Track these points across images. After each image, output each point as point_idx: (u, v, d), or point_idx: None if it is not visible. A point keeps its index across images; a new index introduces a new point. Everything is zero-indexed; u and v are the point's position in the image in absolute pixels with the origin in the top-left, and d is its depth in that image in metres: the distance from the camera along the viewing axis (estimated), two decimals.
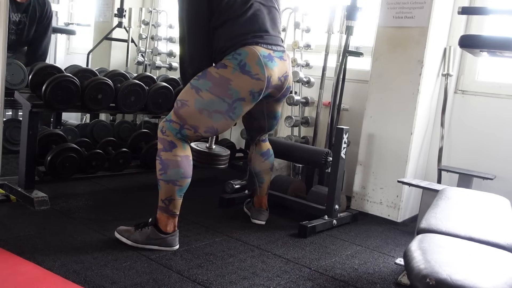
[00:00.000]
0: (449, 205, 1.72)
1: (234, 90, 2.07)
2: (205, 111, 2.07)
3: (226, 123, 2.14)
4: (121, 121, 3.83)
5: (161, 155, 2.09)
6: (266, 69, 2.10)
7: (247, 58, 2.07)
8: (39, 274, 1.77)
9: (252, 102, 2.16)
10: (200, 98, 2.07)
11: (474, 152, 2.96)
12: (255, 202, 2.70)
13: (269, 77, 2.13)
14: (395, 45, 2.89)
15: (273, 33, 2.23)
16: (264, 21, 2.19)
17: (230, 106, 2.09)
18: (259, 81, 2.10)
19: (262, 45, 2.13)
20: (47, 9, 3.83)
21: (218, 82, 2.07)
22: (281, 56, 2.22)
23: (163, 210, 2.12)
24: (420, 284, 1.05)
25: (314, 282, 1.95)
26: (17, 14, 3.63)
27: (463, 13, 2.10)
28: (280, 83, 2.24)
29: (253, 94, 2.11)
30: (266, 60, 2.11)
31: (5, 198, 2.57)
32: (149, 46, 4.53)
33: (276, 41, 2.22)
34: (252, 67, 2.07)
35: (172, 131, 2.09)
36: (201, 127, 2.10)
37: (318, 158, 2.73)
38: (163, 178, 2.08)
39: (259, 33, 2.15)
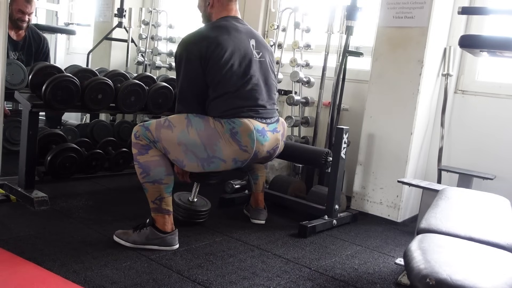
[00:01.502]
0: (449, 205, 1.72)
1: (219, 149, 2.08)
2: (183, 146, 2.07)
3: (196, 168, 2.12)
4: (121, 121, 3.83)
5: (138, 159, 2.09)
6: (257, 143, 2.13)
7: (241, 128, 2.09)
8: (39, 274, 1.77)
9: (233, 167, 2.17)
10: (186, 133, 2.07)
11: (474, 152, 2.96)
12: (252, 201, 2.70)
13: (257, 151, 2.15)
14: (395, 45, 2.89)
15: (269, 106, 2.25)
16: (260, 96, 2.21)
17: (209, 158, 2.09)
18: (246, 152, 2.12)
19: (257, 119, 2.16)
20: (43, 45, 3.94)
21: (210, 132, 2.08)
22: (274, 129, 2.25)
23: (156, 210, 2.13)
24: (420, 284, 1.05)
25: (314, 282, 1.95)
26: (15, 52, 3.73)
27: (463, 13, 2.10)
28: (268, 155, 2.27)
29: (236, 161, 2.13)
30: (258, 135, 2.14)
31: (5, 198, 2.57)
32: (149, 46, 4.53)
33: (271, 114, 2.25)
34: (243, 138, 2.09)
35: (145, 138, 2.09)
36: (171, 154, 2.10)
37: (318, 158, 2.73)
38: (147, 180, 2.08)
39: (255, 108, 2.18)
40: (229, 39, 2.15)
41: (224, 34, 2.16)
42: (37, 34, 3.91)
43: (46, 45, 3.96)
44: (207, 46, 2.10)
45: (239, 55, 2.16)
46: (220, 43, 2.12)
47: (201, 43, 2.12)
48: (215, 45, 2.11)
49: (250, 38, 2.26)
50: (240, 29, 2.25)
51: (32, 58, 3.80)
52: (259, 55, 2.27)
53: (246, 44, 2.22)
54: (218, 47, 2.11)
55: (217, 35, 2.14)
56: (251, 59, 2.21)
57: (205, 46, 2.10)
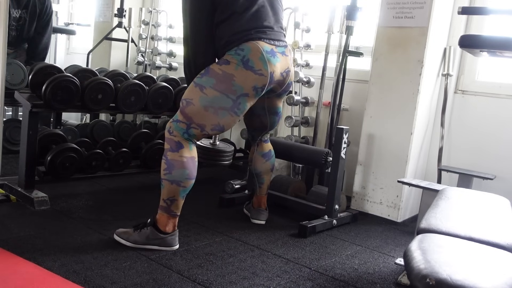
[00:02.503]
0: (449, 205, 1.72)
1: (238, 86, 2.08)
2: (211, 108, 2.08)
3: (232, 119, 2.14)
4: (121, 121, 3.83)
5: (167, 155, 2.09)
6: (269, 64, 2.12)
7: (250, 54, 2.08)
8: (39, 274, 1.77)
9: (256, 97, 2.18)
10: (204, 96, 2.07)
11: (474, 152, 2.96)
12: (254, 202, 2.70)
13: (272, 72, 2.14)
14: (395, 45, 2.89)
15: (276, 29, 2.24)
16: (267, 17, 2.20)
17: (235, 102, 2.10)
18: (262, 76, 2.11)
19: (265, 40, 2.14)
20: (47, 5, 3.84)
21: (222, 78, 2.08)
22: (283, 52, 2.24)
23: (164, 210, 2.12)
24: (420, 284, 1.05)
25: (314, 282, 1.95)
26: (18, 10, 3.64)
27: (463, 13, 2.10)
28: (282, 78, 2.25)
29: (256, 89, 2.13)
30: (269, 55, 2.12)
31: (5, 198, 2.57)
32: (149, 46, 4.53)
33: (278, 37, 2.24)
34: (255, 62, 2.09)
35: (179, 131, 2.09)
36: (207, 125, 2.10)
37: (318, 158, 2.73)
38: (167, 178, 2.08)
39: (262, 29, 2.16)
40: None
41: None
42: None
43: (50, 6, 3.88)
44: None
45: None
46: None
47: None
48: None
49: None
50: None
51: (36, 18, 3.73)
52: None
53: None
54: None
55: None
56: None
57: None
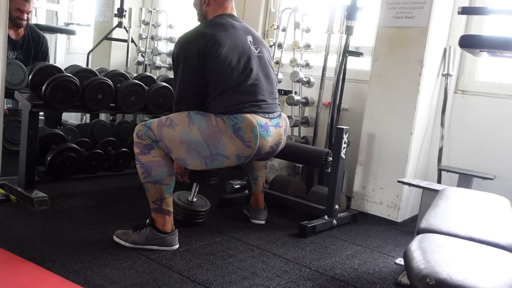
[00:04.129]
0: (449, 205, 1.72)
1: (222, 145, 2.07)
2: (186, 144, 2.06)
3: (199, 166, 2.11)
4: (121, 121, 3.83)
5: (140, 159, 2.08)
6: (260, 139, 2.12)
7: (243, 124, 2.08)
8: (39, 274, 1.77)
9: (236, 163, 2.17)
10: (188, 132, 2.06)
11: (474, 152, 2.96)
12: (252, 202, 2.70)
13: (261, 146, 2.14)
14: (395, 45, 2.89)
15: (271, 101, 2.25)
16: (261, 90, 2.21)
17: (212, 155, 2.08)
18: (249, 148, 2.11)
19: (259, 114, 2.15)
20: (42, 44, 3.91)
21: (212, 129, 2.07)
22: (277, 124, 2.24)
23: (157, 211, 2.12)
24: (420, 284, 1.05)
25: (314, 282, 1.95)
26: (13, 52, 3.71)
27: (463, 13, 2.10)
28: (271, 150, 2.26)
29: (239, 157, 2.13)
30: (261, 130, 2.13)
31: (5, 198, 2.57)
32: (149, 46, 4.53)
33: (273, 109, 2.25)
34: (246, 133, 2.08)
35: (148, 137, 2.08)
36: (174, 153, 2.09)
37: (318, 158, 2.73)
38: (148, 180, 2.08)
39: (257, 103, 2.17)
40: (226, 36, 2.15)
41: (221, 31, 2.15)
42: (36, 34, 3.89)
43: (45, 45, 3.94)
44: (204, 43, 2.10)
45: (238, 51, 2.16)
46: (217, 40, 2.11)
47: (198, 40, 2.11)
48: (213, 42, 2.10)
49: (247, 35, 2.26)
50: (237, 26, 2.25)
51: (31, 58, 3.79)
52: (257, 51, 2.26)
53: (243, 40, 2.22)
54: (215, 44, 2.10)
55: (214, 32, 2.14)
56: (250, 54, 2.20)
57: (203, 43, 2.10)
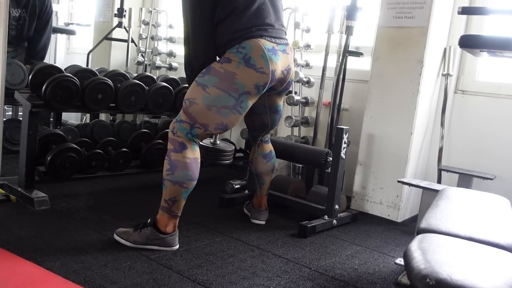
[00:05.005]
0: (449, 205, 1.72)
1: (240, 84, 2.08)
2: (214, 107, 2.07)
3: (235, 118, 2.14)
4: (121, 121, 3.83)
5: (170, 156, 2.08)
6: (271, 63, 2.11)
7: (252, 52, 2.08)
8: (39, 274, 1.77)
9: (257, 95, 2.18)
10: (207, 95, 2.07)
11: (474, 152, 2.96)
12: (255, 203, 2.70)
13: (273, 70, 2.14)
14: (395, 45, 2.89)
15: (277, 26, 2.24)
16: (268, 14, 2.20)
17: (237, 100, 2.09)
18: (264, 74, 2.11)
19: (266, 38, 2.14)
20: (47, 5, 3.82)
21: (224, 76, 2.07)
22: (284, 50, 2.23)
23: (165, 210, 2.12)
24: (420, 284, 1.05)
25: (314, 282, 1.95)
26: (17, 9, 3.61)
27: (463, 13, 2.10)
28: (283, 76, 2.25)
29: (258, 87, 2.13)
30: (270, 53, 2.12)
31: (5, 198, 2.57)
32: (149, 46, 4.53)
33: (279, 34, 2.23)
34: (257, 60, 2.08)
35: (183, 131, 2.09)
36: (211, 125, 2.10)
37: (318, 158, 2.73)
38: (170, 178, 2.07)
39: (263, 26, 2.16)
40: None
41: None
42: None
43: (50, 5, 3.86)
44: None
45: None
46: None
47: None
48: None
49: None
50: None
51: (35, 18, 3.71)
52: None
53: None
54: None
55: None
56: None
57: None
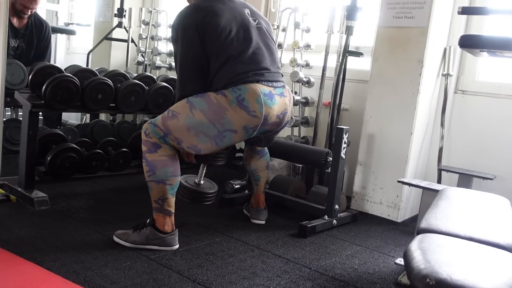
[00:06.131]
0: (449, 205, 1.72)
1: (228, 121, 2.06)
2: (193, 130, 2.06)
3: (211, 147, 2.12)
4: (121, 121, 3.83)
5: (146, 157, 2.09)
6: (265, 107, 2.10)
7: (247, 94, 2.07)
8: (39, 274, 1.77)
9: (245, 136, 2.16)
10: (191, 116, 2.06)
11: (474, 152, 2.96)
12: (253, 202, 2.70)
13: (267, 115, 2.12)
14: (395, 45, 2.89)
15: (274, 70, 2.23)
16: (264, 58, 2.19)
17: (220, 133, 2.07)
18: (255, 118, 2.09)
19: (263, 83, 2.13)
20: (45, 32, 3.85)
21: (215, 108, 2.06)
22: (281, 93, 2.22)
23: (158, 210, 2.12)
24: (420, 284, 1.05)
25: (314, 282, 1.95)
26: (15, 40, 3.65)
27: (463, 13, 2.10)
28: (278, 120, 2.23)
29: (247, 129, 2.11)
30: (266, 98, 2.11)
31: (5, 198, 2.57)
32: (149, 46, 4.53)
33: (276, 78, 2.23)
34: (250, 103, 2.07)
35: (155, 135, 2.09)
36: (184, 142, 2.09)
37: (318, 158, 2.73)
38: (152, 179, 2.08)
39: (259, 71, 2.15)
40: (224, 8, 2.15)
41: (218, 3, 2.16)
42: (39, 21, 3.81)
43: (48, 32, 3.88)
44: (203, 16, 2.09)
45: (236, 22, 2.15)
46: (215, 11, 2.11)
47: (196, 13, 2.11)
48: (211, 14, 2.10)
49: (244, 8, 2.26)
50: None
51: (34, 47, 3.74)
52: (256, 22, 2.26)
53: (241, 11, 2.21)
54: (214, 15, 2.10)
55: (211, 4, 2.14)
56: (249, 25, 2.20)
57: (201, 16, 2.09)
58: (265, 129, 2.22)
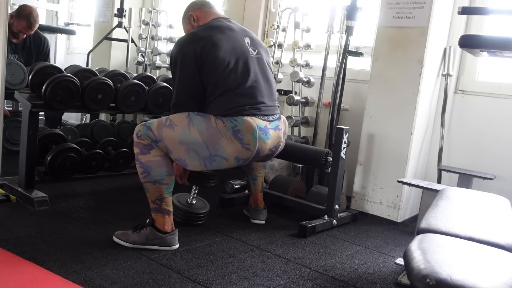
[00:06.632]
0: (449, 205, 1.72)
1: (221, 147, 2.07)
2: (185, 145, 2.07)
3: (198, 166, 2.12)
4: (121, 121, 3.83)
5: (140, 159, 2.09)
6: (259, 141, 2.12)
7: (243, 126, 2.08)
8: (39, 274, 1.77)
9: (235, 165, 2.18)
10: (187, 132, 2.06)
11: (474, 152, 2.96)
12: (251, 202, 2.71)
13: (259, 149, 2.14)
14: (395, 45, 2.89)
15: (270, 103, 2.24)
16: (261, 92, 2.21)
17: (211, 156, 2.08)
18: (248, 151, 2.11)
19: (259, 117, 2.15)
20: (43, 46, 3.88)
21: (212, 130, 2.07)
22: (276, 126, 2.24)
23: (156, 210, 2.12)
24: (420, 284, 1.05)
25: (314, 282, 1.95)
26: (14, 55, 3.68)
27: (463, 13, 2.10)
28: (270, 153, 2.26)
29: (238, 159, 2.13)
30: (261, 133, 2.13)
31: (5, 198, 2.57)
32: (149, 46, 4.53)
33: (272, 111, 2.24)
34: (245, 136, 2.08)
35: (147, 137, 2.09)
36: (173, 154, 2.09)
37: (318, 158, 2.72)
38: (148, 180, 2.08)
39: (256, 105, 2.16)
40: (224, 38, 2.15)
41: (218, 33, 2.16)
42: (38, 36, 3.86)
43: (46, 46, 3.92)
44: (202, 46, 2.10)
45: (235, 53, 2.16)
46: (214, 42, 2.12)
47: (196, 43, 2.12)
48: (210, 45, 2.11)
49: (244, 36, 2.26)
50: (234, 28, 2.25)
51: (33, 61, 3.76)
52: (255, 52, 2.27)
53: (241, 42, 2.22)
54: (213, 46, 2.11)
55: (211, 34, 2.15)
56: (248, 56, 2.21)
57: (200, 46, 2.10)
58: (256, 160, 2.26)
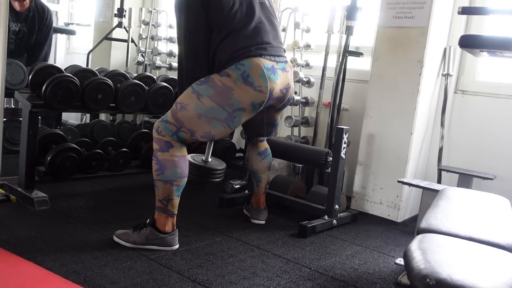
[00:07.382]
0: (449, 205, 1.72)
1: (235, 100, 2.07)
2: (204, 117, 2.07)
3: (224, 131, 2.14)
4: (121, 121, 3.83)
5: (157, 156, 2.08)
6: (269, 82, 2.11)
7: (251, 70, 2.08)
8: (39, 274, 1.77)
9: (252, 113, 2.17)
10: (200, 104, 2.07)
11: (474, 152, 2.96)
12: (253, 202, 2.70)
13: (271, 90, 2.14)
14: (395, 45, 2.89)
15: (276, 44, 2.23)
16: (266, 33, 2.20)
17: (230, 115, 2.09)
18: (261, 93, 2.10)
19: (265, 57, 2.14)
20: (47, 17, 3.84)
21: (220, 90, 2.07)
22: (283, 68, 2.23)
23: (161, 210, 2.12)
24: (420, 284, 1.05)
25: (314, 282, 1.95)
26: (17, 24, 3.63)
27: (463, 13, 2.10)
28: (281, 94, 2.25)
29: (254, 105, 2.12)
30: (269, 72, 2.12)
31: (5, 198, 2.57)
32: (149, 46, 4.53)
33: (279, 52, 2.23)
34: (255, 79, 2.08)
35: (168, 132, 2.09)
36: (198, 132, 2.10)
37: (318, 158, 2.73)
38: (160, 178, 2.08)
39: (262, 45, 2.16)
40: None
41: None
42: (41, 6, 3.82)
43: (50, 18, 3.88)
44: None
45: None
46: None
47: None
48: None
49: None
50: None
51: (35, 32, 3.74)
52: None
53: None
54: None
55: None
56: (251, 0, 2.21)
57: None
58: (269, 104, 2.23)
